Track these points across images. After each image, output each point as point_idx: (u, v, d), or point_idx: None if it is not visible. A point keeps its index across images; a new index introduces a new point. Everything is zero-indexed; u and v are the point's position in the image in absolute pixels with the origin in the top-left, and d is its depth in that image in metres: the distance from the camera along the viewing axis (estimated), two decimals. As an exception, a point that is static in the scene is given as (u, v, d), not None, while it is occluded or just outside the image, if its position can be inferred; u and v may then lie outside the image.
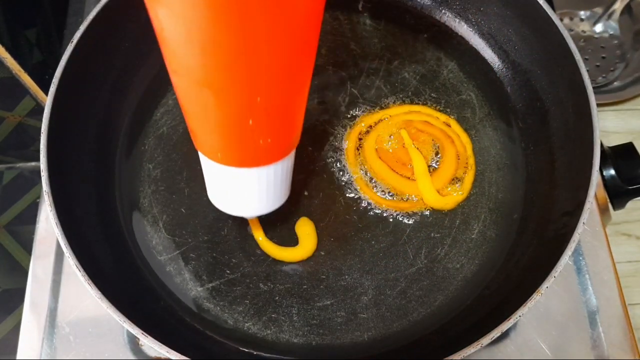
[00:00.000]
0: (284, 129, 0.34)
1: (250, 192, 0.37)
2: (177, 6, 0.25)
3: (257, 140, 0.33)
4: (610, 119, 0.90)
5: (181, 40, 0.27)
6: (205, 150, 0.35)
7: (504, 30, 0.49)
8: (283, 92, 0.31)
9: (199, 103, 0.31)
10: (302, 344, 0.41)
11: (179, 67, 0.30)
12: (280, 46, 0.28)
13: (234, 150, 0.34)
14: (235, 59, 0.27)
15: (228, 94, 0.29)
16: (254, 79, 0.29)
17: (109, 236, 0.43)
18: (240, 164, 0.35)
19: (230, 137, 0.33)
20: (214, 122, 0.32)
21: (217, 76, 0.28)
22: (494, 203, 0.45)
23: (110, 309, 0.35)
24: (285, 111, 0.33)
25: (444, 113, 0.48)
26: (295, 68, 0.30)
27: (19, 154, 0.64)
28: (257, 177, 0.36)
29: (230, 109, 0.30)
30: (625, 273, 0.84)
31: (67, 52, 0.41)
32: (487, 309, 0.40)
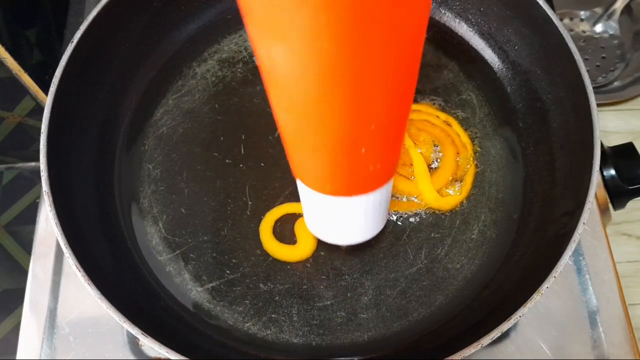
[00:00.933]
0: (393, 151, 0.33)
1: (357, 220, 0.36)
2: (296, 42, 0.23)
3: (368, 168, 0.31)
4: (611, 118, 0.90)
5: (296, 77, 0.25)
6: (311, 183, 0.34)
7: (504, 30, 0.49)
8: (395, 115, 0.29)
9: (311, 139, 0.29)
10: (302, 344, 0.41)
11: (291, 106, 0.27)
12: (396, 72, 0.26)
13: (344, 180, 0.32)
14: (354, 91, 0.25)
15: (344, 127, 0.27)
16: (371, 109, 0.27)
17: (108, 236, 0.43)
18: (349, 194, 0.33)
19: (342, 168, 0.31)
20: (325, 155, 0.30)
21: (334, 111, 0.26)
22: (494, 203, 0.45)
23: (110, 309, 0.35)
24: (396, 133, 0.31)
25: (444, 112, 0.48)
26: (407, 90, 0.28)
27: (19, 154, 0.64)
28: (364, 203, 0.34)
29: (345, 142, 0.29)
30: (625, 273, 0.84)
31: (67, 53, 0.41)
32: (487, 309, 0.40)
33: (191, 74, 0.50)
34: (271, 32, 0.23)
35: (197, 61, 0.51)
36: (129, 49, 0.47)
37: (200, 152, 0.47)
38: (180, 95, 0.49)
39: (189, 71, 0.50)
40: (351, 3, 0.21)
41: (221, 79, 0.50)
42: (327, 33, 0.22)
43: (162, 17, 0.48)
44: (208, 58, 0.51)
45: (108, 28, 0.44)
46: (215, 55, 0.51)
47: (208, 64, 0.50)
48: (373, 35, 0.23)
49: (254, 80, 0.50)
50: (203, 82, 0.50)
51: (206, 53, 0.51)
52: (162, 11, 0.48)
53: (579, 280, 0.46)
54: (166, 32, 0.50)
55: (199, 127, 0.48)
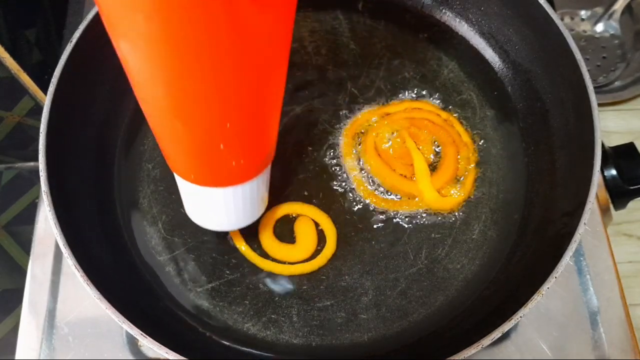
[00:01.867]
0: (256, 149, 0.34)
1: (226, 209, 0.37)
2: (140, 42, 0.25)
3: (230, 162, 0.33)
4: (611, 118, 0.89)
5: (146, 73, 0.27)
6: (179, 171, 0.35)
7: (505, 30, 0.49)
8: (253, 116, 0.31)
9: (169, 130, 0.31)
10: (302, 345, 0.41)
11: (146, 97, 0.30)
12: (247, 74, 0.28)
13: (207, 172, 0.34)
14: (200, 90, 0.27)
15: (196, 122, 0.30)
16: (222, 108, 0.29)
17: (108, 236, 0.43)
18: (213, 184, 0.35)
19: (202, 160, 0.33)
20: (185, 147, 0.32)
21: (183, 106, 0.29)
22: (495, 203, 0.45)
23: (109, 309, 0.34)
24: (257, 133, 0.33)
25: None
26: (264, 93, 0.30)
27: (18, 154, 0.64)
28: (232, 195, 0.36)
29: (200, 136, 0.31)
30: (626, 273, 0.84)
31: (67, 52, 0.41)
32: (487, 309, 0.40)
33: (191, 74, 0.50)
34: (115, 29, 0.26)
35: (196, 61, 0.50)
36: (129, 48, 0.47)
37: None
38: (179, 95, 0.49)
39: (189, 71, 0.50)
40: (177, 12, 0.23)
41: (221, 78, 0.50)
42: (158, 35, 0.24)
43: (161, 16, 0.48)
44: (208, 58, 0.51)
45: (107, 27, 0.44)
46: (215, 54, 0.51)
47: (208, 64, 0.50)
48: (213, 38, 0.25)
49: (253, 80, 0.50)
50: (203, 81, 0.50)
51: (206, 53, 0.51)
52: (162, 11, 0.48)
53: (580, 281, 0.46)
54: (166, 32, 0.49)
55: (199, 127, 0.48)
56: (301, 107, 0.48)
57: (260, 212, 0.41)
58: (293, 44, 0.51)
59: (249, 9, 0.24)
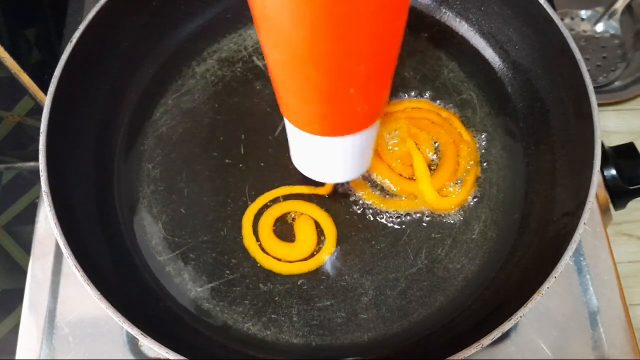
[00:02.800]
0: (381, 92, 0.33)
1: (344, 159, 0.37)
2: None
3: (356, 109, 0.32)
4: (611, 118, 0.89)
5: (288, 16, 0.26)
6: (300, 123, 0.34)
7: (505, 29, 0.49)
8: (384, 57, 0.30)
9: (300, 78, 0.30)
10: (302, 345, 0.41)
11: (281, 43, 0.28)
12: (383, 15, 0.27)
13: (333, 121, 0.33)
14: (346, 30, 0.26)
15: (333, 66, 0.28)
16: (360, 49, 0.28)
17: (108, 236, 0.43)
18: (337, 134, 0.34)
19: (331, 108, 0.32)
20: (315, 95, 0.31)
21: (324, 49, 0.27)
22: (495, 203, 0.45)
23: (110, 309, 0.34)
24: (385, 75, 0.32)
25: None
26: (396, 29, 0.29)
27: (18, 154, 0.64)
28: (351, 144, 0.35)
29: (334, 82, 0.29)
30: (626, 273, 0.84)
31: (66, 52, 0.41)
32: (487, 309, 0.40)
33: (190, 74, 0.50)
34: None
35: (196, 61, 0.50)
36: (128, 48, 0.47)
37: (199, 151, 0.47)
38: (179, 94, 0.49)
39: (189, 71, 0.50)
40: None
41: (221, 78, 0.50)
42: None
43: (161, 16, 0.48)
44: (207, 57, 0.51)
45: (107, 27, 0.44)
46: (214, 54, 0.51)
47: (207, 64, 0.50)
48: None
49: (253, 79, 0.50)
50: (202, 81, 0.50)
51: (205, 52, 0.51)
52: (161, 11, 0.48)
53: (580, 281, 0.46)
54: (165, 32, 0.49)
55: (199, 127, 0.48)
56: (301, 107, 0.48)
57: (369, 164, 0.40)
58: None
59: None
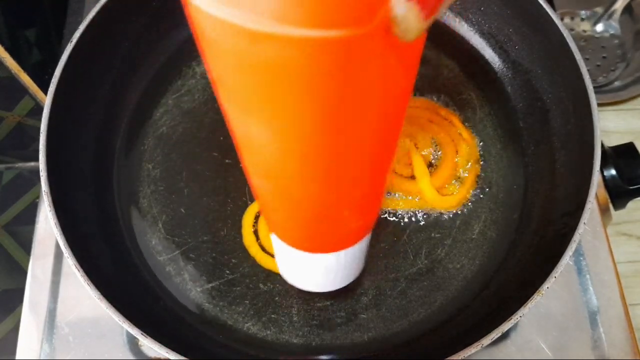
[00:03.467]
0: (375, 208, 0.32)
1: (335, 271, 0.35)
2: (277, 122, 0.21)
3: (350, 227, 0.31)
4: (611, 118, 0.89)
5: (274, 152, 0.23)
6: (290, 241, 0.32)
7: (505, 29, 0.49)
8: (379, 176, 0.28)
9: (291, 205, 0.28)
10: (302, 345, 0.41)
11: (268, 176, 0.26)
12: (383, 134, 0.25)
13: (324, 240, 0.31)
14: (340, 162, 0.24)
15: (327, 195, 0.26)
16: (356, 176, 0.26)
17: (108, 236, 0.43)
18: (328, 251, 0.32)
19: (323, 229, 0.30)
20: (306, 220, 0.29)
21: (317, 183, 0.25)
22: (495, 203, 0.45)
23: (110, 309, 0.34)
24: (379, 192, 0.30)
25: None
26: (390, 150, 0.27)
27: (18, 154, 0.64)
28: (343, 257, 0.34)
29: (327, 208, 0.27)
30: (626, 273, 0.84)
31: (67, 52, 0.41)
32: (487, 309, 0.40)
33: (191, 74, 0.50)
34: (246, 108, 0.21)
35: (196, 61, 0.50)
36: (128, 48, 0.47)
37: (200, 152, 0.47)
38: (179, 94, 0.49)
39: (189, 71, 0.50)
40: (336, 92, 0.19)
41: (221, 78, 0.50)
42: (311, 118, 0.20)
43: (161, 16, 0.48)
44: (208, 58, 0.51)
45: (107, 28, 0.44)
46: (215, 54, 0.51)
47: (208, 64, 0.50)
48: (356, 119, 0.21)
49: (253, 79, 0.50)
50: (203, 81, 0.50)
51: (206, 53, 0.51)
52: (161, 11, 0.48)
53: (580, 281, 0.46)
54: (165, 32, 0.49)
55: (199, 127, 0.48)
56: (301, 107, 0.48)
57: (361, 268, 0.39)
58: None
59: (399, 71, 0.21)
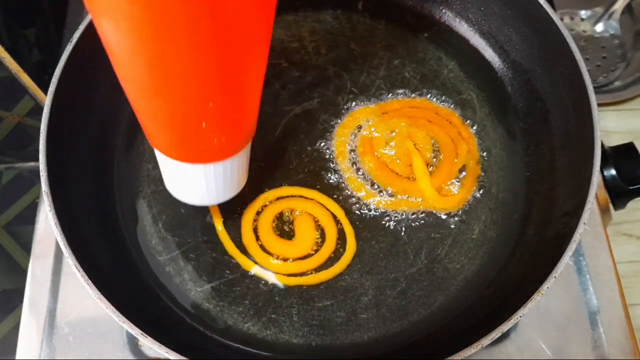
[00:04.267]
0: (238, 128, 0.35)
1: (207, 185, 0.38)
2: (122, 22, 0.26)
3: (212, 140, 0.34)
4: (611, 118, 0.89)
5: (127, 52, 0.28)
6: (160, 147, 0.36)
7: (505, 29, 0.49)
8: (235, 96, 0.31)
9: (150, 108, 0.32)
10: (302, 345, 0.41)
11: (127, 75, 0.30)
12: (228, 56, 0.28)
13: (188, 149, 0.34)
14: (182, 70, 0.28)
15: (178, 101, 0.30)
16: (204, 88, 0.29)
17: (108, 236, 0.43)
18: (195, 161, 0.35)
19: (184, 137, 0.33)
20: (166, 125, 0.33)
21: (166, 86, 0.29)
22: (495, 203, 0.45)
23: (110, 309, 0.34)
24: (239, 112, 0.33)
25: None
26: (246, 74, 0.31)
27: (18, 154, 0.64)
28: (212, 171, 0.36)
29: (182, 114, 0.31)
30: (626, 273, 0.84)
31: (66, 52, 0.41)
32: (487, 309, 0.40)
33: (191, 74, 0.50)
34: (99, 9, 0.26)
35: (196, 61, 0.50)
36: (129, 48, 0.47)
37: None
38: (179, 95, 0.49)
39: (189, 71, 0.50)
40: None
41: (221, 78, 0.50)
42: (142, 15, 0.25)
43: (161, 16, 0.48)
44: (208, 58, 0.51)
45: (107, 27, 0.44)
46: (215, 54, 0.51)
47: (208, 64, 0.50)
48: (189, 17, 0.25)
49: (253, 79, 0.50)
50: (203, 81, 0.50)
51: (206, 53, 0.51)
52: (162, 11, 0.48)
53: (580, 281, 0.46)
54: (166, 32, 0.49)
55: (199, 127, 0.48)
56: (301, 107, 0.48)
57: (239, 187, 0.41)
58: (293, 44, 0.51)
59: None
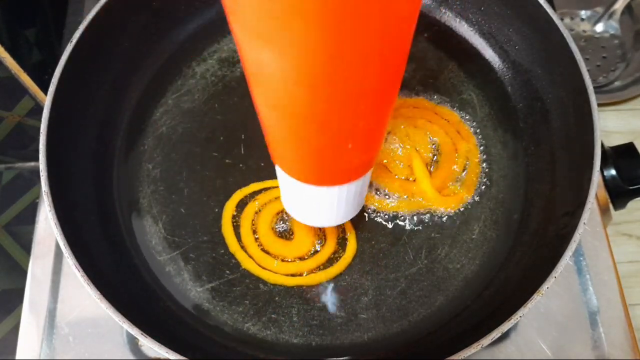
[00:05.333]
0: (378, 142, 0.33)
1: (337, 205, 0.36)
2: (285, 48, 0.22)
3: (353, 162, 0.32)
4: (611, 118, 0.90)
5: (284, 80, 0.24)
6: (295, 174, 0.33)
7: (505, 29, 0.49)
8: (382, 110, 0.29)
9: (296, 137, 0.29)
10: (301, 345, 0.41)
11: (277, 105, 0.27)
12: (384, 73, 0.26)
13: (329, 173, 0.32)
14: (347, 90, 0.25)
15: (333, 124, 0.27)
16: (361, 106, 0.27)
17: (108, 236, 0.43)
18: (331, 184, 0.33)
19: (328, 163, 0.31)
20: (311, 152, 0.30)
21: (322, 110, 0.26)
22: (495, 203, 0.45)
23: (110, 309, 0.34)
24: (382, 126, 0.31)
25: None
26: (395, 85, 0.28)
27: (18, 154, 0.64)
28: (346, 191, 0.34)
29: (333, 138, 0.29)
30: (626, 273, 0.84)
31: (67, 52, 0.41)
32: (487, 309, 0.40)
33: (191, 74, 0.50)
34: (259, 36, 0.22)
35: (196, 61, 0.50)
36: (128, 48, 0.47)
37: (200, 152, 0.47)
38: (179, 94, 0.49)
39: (189, 71, 0.50)
40: (342, 14, 0.20)
41: (221, 78, 0.50)
42: (317, 42, 0.22)
43: (161, 16, 0.48)
44: (207, 57, 0.51)
45: (107, 28, 0.44)
46: (214, 54, 0.51)
47: (208, 64, 0.50)
48: (363, 41, 0.22)
49: (253, 79, 0.50)
50: (203, 81, 0.50)
51: (206, 52, 0.51)
52: (162, 11, 0.48)
53: (580, 281, 0.46)
54: (165, 32, 0.49)
55: (199, 127, 0.48)
56: (301, 107, 0.48)
57: (361, 205, 0.39)
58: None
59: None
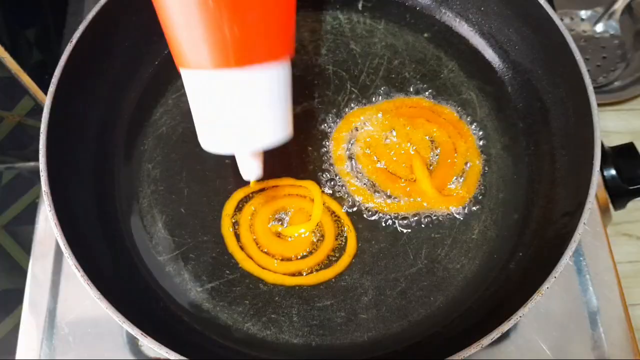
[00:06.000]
0: (277, 19, 0.34)
1: (252, 105, 0.34)
2: None
3: (254, 30, 0.32)
4: (611, 118, 0.90)
5: None
6: (199, 56, 0.33)
7: (505, 30, 0.49)
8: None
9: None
10: (301, 345, 0.41)
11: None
12: None
13: (230, 41, 0.32)
14: None
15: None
16: None
17: (108, 236, 0.43)
18: (238, 63, 0.33)
19: (230, 27, 0.32)
20: (212, 17, 0.32)
21: None
22: (495, 203, 0.45)
23: (110, 309, 0.34)
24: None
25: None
26: None
27: (18, 154, 0.64)
28: (256, 82, 0.34)
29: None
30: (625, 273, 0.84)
31: (66, 52, 0.41)
32: (487, 309, 0.40)
33: (191, 74, 0.50)
34: None
35: (196, 61, 0.50)
36: (128, 48, 0.47)
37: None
38: (179, 94, 0.49)
39: (189, 71, 0.50)
40: None
41: (221, 78, 0.50)
42: None
43: (161, 16, 0.48)
44: (208, 58, 0.51)
45: (107, 28, 0.44)
46: (215, 54, 0.51)
47: (208, 64, 0.50)
48: None
49: (253, 80, 0.50)
50: (203, 81, 0.50)
51: (206, 53, 0.51)
52: (162, 11, 0.48)
53: (580, 281, 0.46)
54: (166, 32, 0.49)
55: (199, 127, 0.48)
56: (301, 107, 0.48)
57: (287, 130, 0.37)
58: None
59: None
